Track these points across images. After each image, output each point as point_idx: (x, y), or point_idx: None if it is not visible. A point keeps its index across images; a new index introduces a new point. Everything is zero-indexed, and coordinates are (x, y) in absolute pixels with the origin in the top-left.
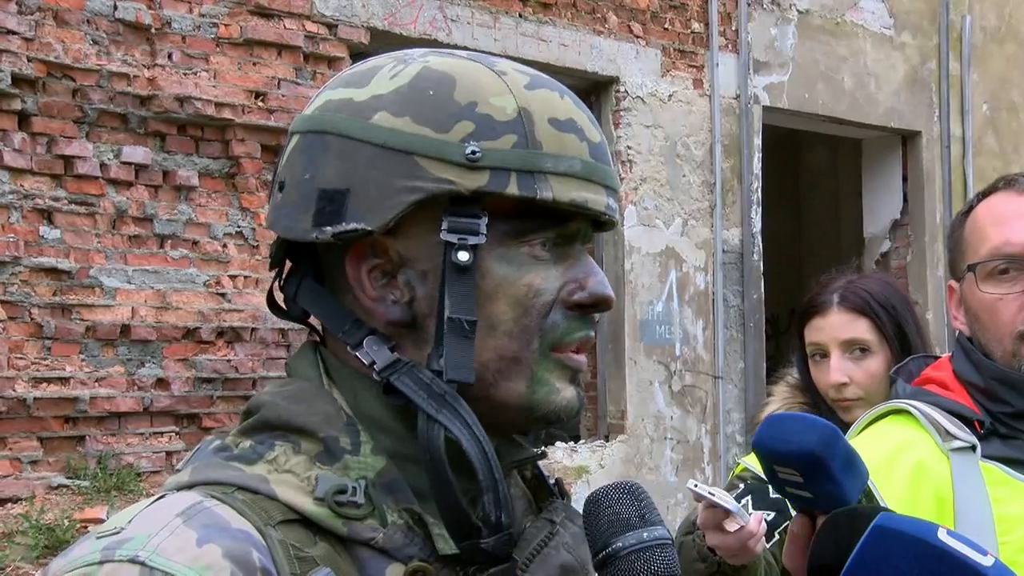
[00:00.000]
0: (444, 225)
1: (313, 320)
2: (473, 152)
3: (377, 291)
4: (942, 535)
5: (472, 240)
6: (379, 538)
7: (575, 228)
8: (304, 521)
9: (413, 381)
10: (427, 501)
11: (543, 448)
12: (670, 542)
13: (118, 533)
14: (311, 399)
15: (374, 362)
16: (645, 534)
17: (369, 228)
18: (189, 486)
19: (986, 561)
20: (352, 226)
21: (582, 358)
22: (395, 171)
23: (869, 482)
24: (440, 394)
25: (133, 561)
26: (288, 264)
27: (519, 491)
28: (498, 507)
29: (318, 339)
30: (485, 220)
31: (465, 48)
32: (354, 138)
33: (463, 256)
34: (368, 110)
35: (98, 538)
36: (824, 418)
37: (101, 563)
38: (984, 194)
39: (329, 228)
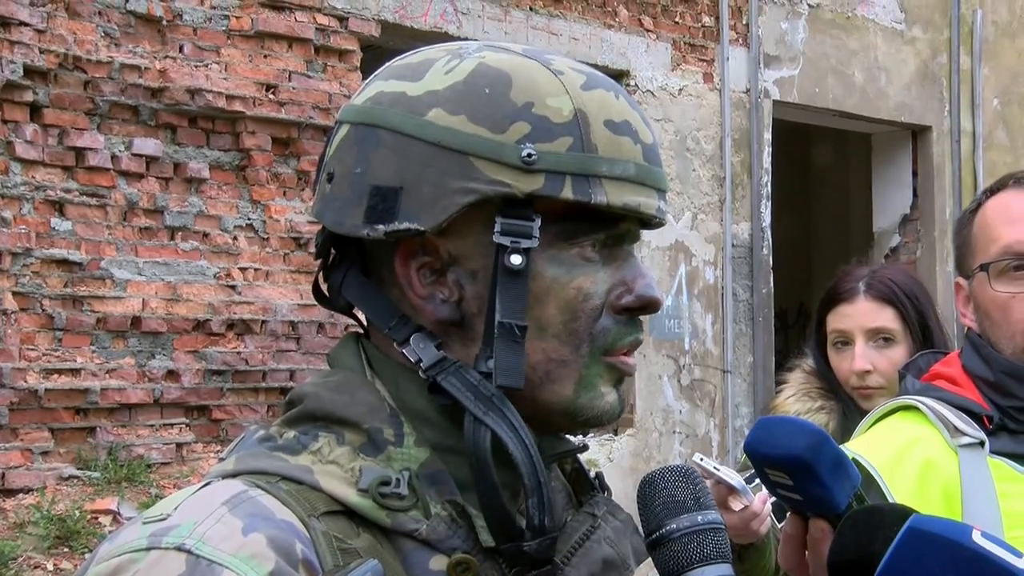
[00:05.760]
0: (497, 227)
1: (357, 311)
2: (529, 155)
3: (426, 289)
4: (976, 537)
5: (525, 244)
6: (423, 530)
7: (625, 229)
8: (348, 512)
9: (460, 382)
10: (470, 493)
11: (584, 441)
12: (723, 527)
13: (164, 520)
14: (354, 390)
15: (420, 359)
16: (699, 517)
17: (422, 228)
18: (234, 475)
19: (1021, 563)
20: (405, 226)
21: (632, 361)
22: (450, 171)
23: (878, 479)
24: (487, 396)
25: (179, 549)
26: (333, 253)
27: (559, 484)
28: (542, 511)
29: (361, 331)
30: (538, 223)
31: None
32: (408, 135)
33: (516, 259)
34: (422, 106)
35: (144, 523)
36: (842, 405)
37: (148, 549)
38: (992, 191)
39: (382, 226)
